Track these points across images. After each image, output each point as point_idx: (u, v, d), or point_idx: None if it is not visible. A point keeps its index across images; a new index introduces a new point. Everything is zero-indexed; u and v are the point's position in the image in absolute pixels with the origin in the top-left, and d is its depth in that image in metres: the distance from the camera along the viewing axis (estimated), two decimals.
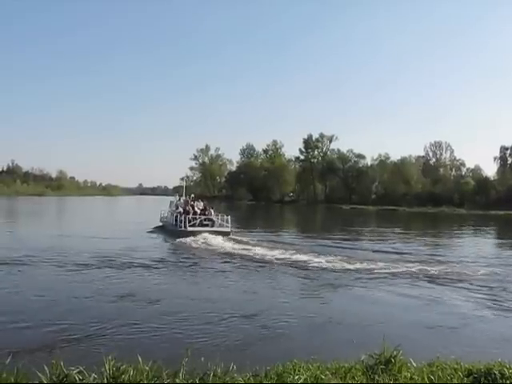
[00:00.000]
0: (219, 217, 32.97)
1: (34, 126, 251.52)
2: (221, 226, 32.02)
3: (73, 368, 5.04)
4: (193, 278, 17.75)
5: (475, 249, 30.13)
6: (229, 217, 32.82)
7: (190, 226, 30.99)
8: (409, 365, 5.87)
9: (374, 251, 26.48)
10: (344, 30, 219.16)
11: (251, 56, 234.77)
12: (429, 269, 19.76)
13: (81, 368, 5.04)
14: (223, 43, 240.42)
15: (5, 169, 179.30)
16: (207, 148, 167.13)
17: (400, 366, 5.73)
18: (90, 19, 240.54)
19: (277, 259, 21.93)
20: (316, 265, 20.53)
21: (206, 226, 31.66)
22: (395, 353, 5.90)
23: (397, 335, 9.28)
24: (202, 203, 35.37)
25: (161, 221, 39.05)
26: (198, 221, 31.71)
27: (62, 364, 5.07)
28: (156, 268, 18.92)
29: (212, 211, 33.48)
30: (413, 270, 19.54)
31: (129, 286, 15.10)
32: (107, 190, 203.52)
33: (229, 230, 31.65)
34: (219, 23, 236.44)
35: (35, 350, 8.54)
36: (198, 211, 33.03)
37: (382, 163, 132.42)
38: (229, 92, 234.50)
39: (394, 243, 32.12)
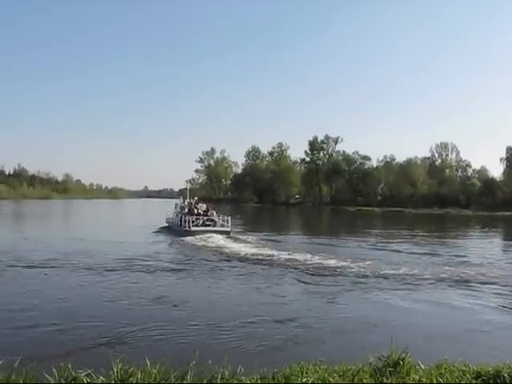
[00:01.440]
0: (220, 217, 35.08)
1: (40, 129, 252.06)
2: (222, 226, 34.13)
3: (81, 371, 5.07)
4: (206, 280, 17.41)
5: (499, 250, 29.92)
6: (229, 217, 34.85)
7: (193, 226, 33.04)
8: (417, 367, 5.82)
9: (394, 251, 26.57)
10: (348, 33, 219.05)
11: (256, 58, 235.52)
12: (466, 272, 19.24)
13: (89, 371, 5.07)
14: (228, 45, 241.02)
15: (11, 172, 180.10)
16: (213, 150, 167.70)
17: (408, 368, 5.69)
18: (94, 21, 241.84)
19: (287, 260, 21.73)
20: (330, 266, 20.19)
21: (208, 225, 33.79)
22: (403, 355, 5.85)
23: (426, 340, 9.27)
24: (204, 205, 37.90)
25: (166, 222, 41.24)
26: (201, 221, 33.87)
27: (70, 367, 5.10)
28: (173, 270, 18.79)
29: (214, 212, 35.90)
30: (445, 272, 18.98)
31: (145, 289, 15.09)
32: (113, 193, 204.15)
33: (229, 229, 33.59)
34: (224, 24, 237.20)
35: (45, 352, 8.49)
36: (202, 212, 35.51)
37: (388, 165, 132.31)
38: (234, 94, 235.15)
39: (413, 245, 31.69)
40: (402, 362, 5.74)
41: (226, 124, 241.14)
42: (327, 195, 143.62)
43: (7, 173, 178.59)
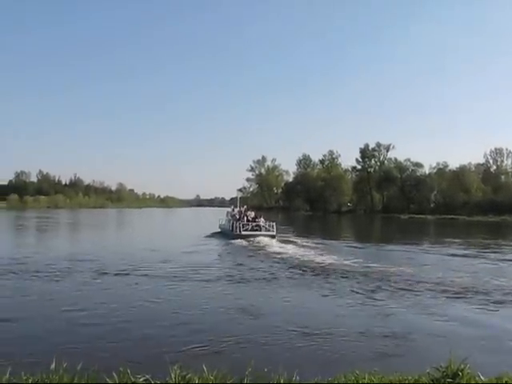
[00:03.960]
0: (267, 223, 38.99)
1: (95, 140, 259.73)
2: (267, 230, 38.16)
3: (139, 376, 5.22)
4: (283, 288, 17.03)
5: None
6: (274, 223, 38.87)
7: (243, 230, 37.55)
8: (477, 378, 5.68)
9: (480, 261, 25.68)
10: (399, 39, 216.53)
11: (304, 64, 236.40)
12: None
13: (147, 376, 5.22)
14: (279, 50, 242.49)
15: (67, 182, 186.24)
16: (263, 159, 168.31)
17: (468, 379, 5.55)
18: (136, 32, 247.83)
19: (366, 272, 20.72)
20: (414, 277, 19.10)
21: (256, 230, 37.95)
22: (462, 366, 5.70)
23: None
24: (253, 213, 42.16)
25: (219, 227, 46.09)
26: (250, 227, 38.24)
27: (128, 371, 5.25)
28: (245, 280, 18.64)
29: (261, 219, 39.70)
30: None
31: (222, 298, 15.14)
32: (165, 202, 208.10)
33: (274, 233, 37.62)
34: (280, 28, 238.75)
35: (110, 356, 8.79)
36: (250, 219, 39.76)
37: (441, 171, 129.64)
38: (283, 103, 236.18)
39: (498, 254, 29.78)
40: (461, 373, 5.61)
41: (276, 132, 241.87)
42: (379, 203, 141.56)
43: (64, 183, 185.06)
